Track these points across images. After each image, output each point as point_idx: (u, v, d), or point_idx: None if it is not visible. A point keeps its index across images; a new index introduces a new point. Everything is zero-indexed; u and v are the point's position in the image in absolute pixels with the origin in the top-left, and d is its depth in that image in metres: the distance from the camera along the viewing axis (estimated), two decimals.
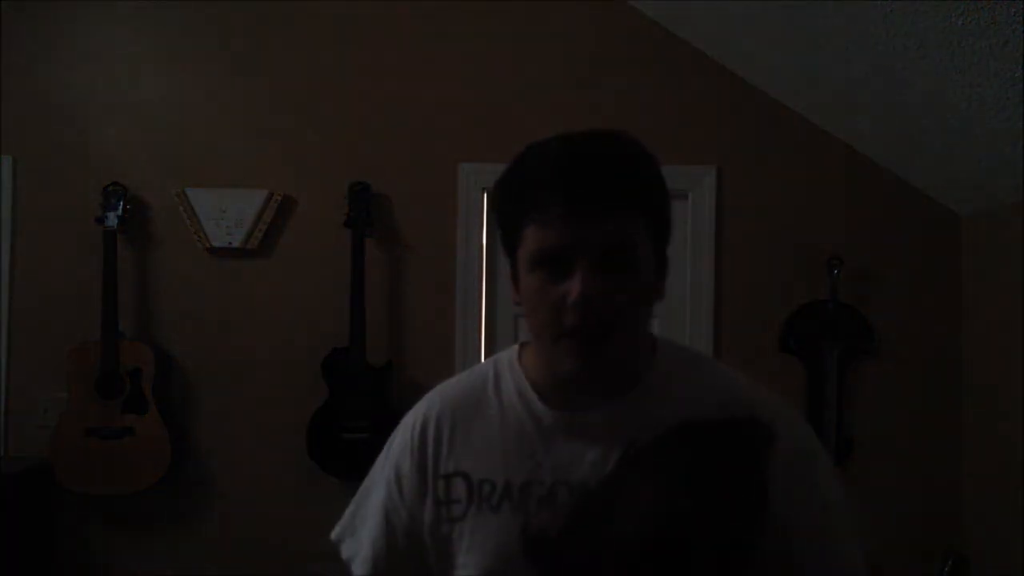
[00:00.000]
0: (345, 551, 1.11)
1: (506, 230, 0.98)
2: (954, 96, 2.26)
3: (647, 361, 1.02)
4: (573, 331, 0.91)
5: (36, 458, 2.87)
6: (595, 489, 0.94)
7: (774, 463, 0.92)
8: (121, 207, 2.87)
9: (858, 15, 2.17)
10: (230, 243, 2.97)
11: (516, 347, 1.08)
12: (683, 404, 0.97)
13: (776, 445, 0.93)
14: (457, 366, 2.95)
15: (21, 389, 2.99)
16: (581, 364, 0.92)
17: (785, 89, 2.93)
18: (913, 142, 2.70)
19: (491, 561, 0.97)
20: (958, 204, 2.91)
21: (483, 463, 1.01)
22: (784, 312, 2.96)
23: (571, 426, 0.98)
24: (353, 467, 2.82)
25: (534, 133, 1.01)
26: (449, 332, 2.98)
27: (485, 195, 3.00)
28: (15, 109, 3.01)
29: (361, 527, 1.10)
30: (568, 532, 0.93)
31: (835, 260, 2.89)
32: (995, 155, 2.41)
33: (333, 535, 1.14)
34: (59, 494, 2.88)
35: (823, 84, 2.74)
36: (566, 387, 0.98)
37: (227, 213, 2.96)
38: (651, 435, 0.94)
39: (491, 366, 1.08)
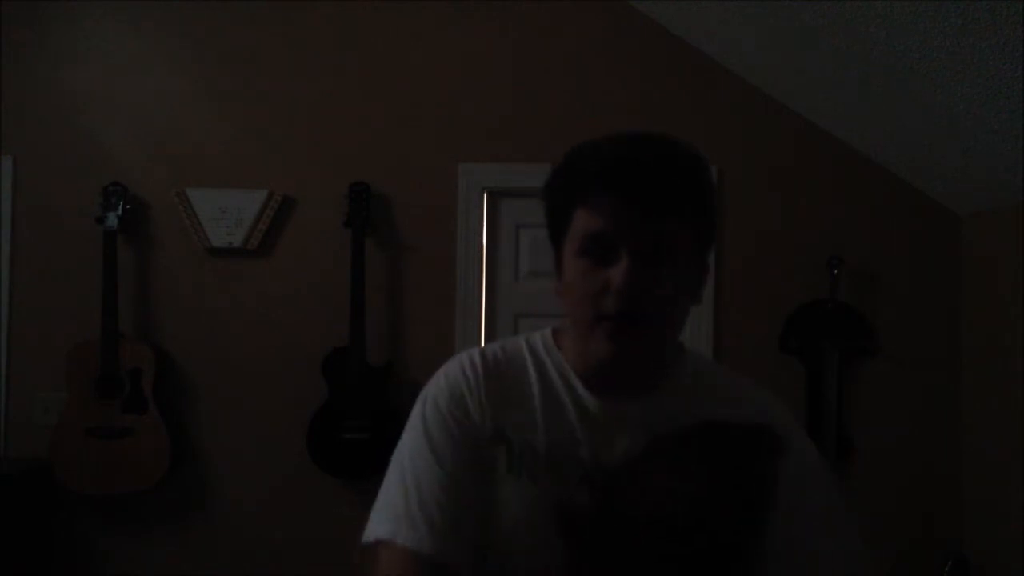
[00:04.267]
0: (403, 538, 0.94)
1: (555, 216, 1.01)
2: (954, 96, 2.26)
3: (679, 361, 1.07)
4: (612, 316, 0.94)
5: (36, 458, 2.87)
6: (624, 473, 0.99)
7: (788, 471, 0.98)
8: (121, 207, 2.87)
9: (858, 15, 2.17)
10: (230, 243, 2.97)
11: (548, 331, 1.10)
12: (708, 405, 1.03)
13: (789, 455, 0.99)
14: None
15: (21, 389, 3.00)
16: (615, 348, 0.95)
17: (785, 89, 2.93)
18: (913, 142, 2.70)
19: (522, 529, 0.98)
20: (958, 204, 2.91)
21: (525, 431, 1.02)
22: (784, 312, 2.96)
23: (608, 415, 1.02)
24: (353, 467, 2.86)
25: (534, 133, 1.03)
26: (449, 332, 2.98)
27: (485, 195, 3.01)
28: (15, 109, 3.01)
29: (416, 495, 0.97)
30: (599, 511, 0.98)
31: (835, 260, 2.89)
32: (995, 155, 2.41)
33: (378, 534, 0.96)
34: (59, 494, 2.88)
35: (823, 84, 2.74)
36: (602, 372, 1.01)
37: (227, 213, 2.97)
38: (675, 428, 1.00)
39: (524, 343, 1.09)
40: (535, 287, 3.03)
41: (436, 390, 1.06)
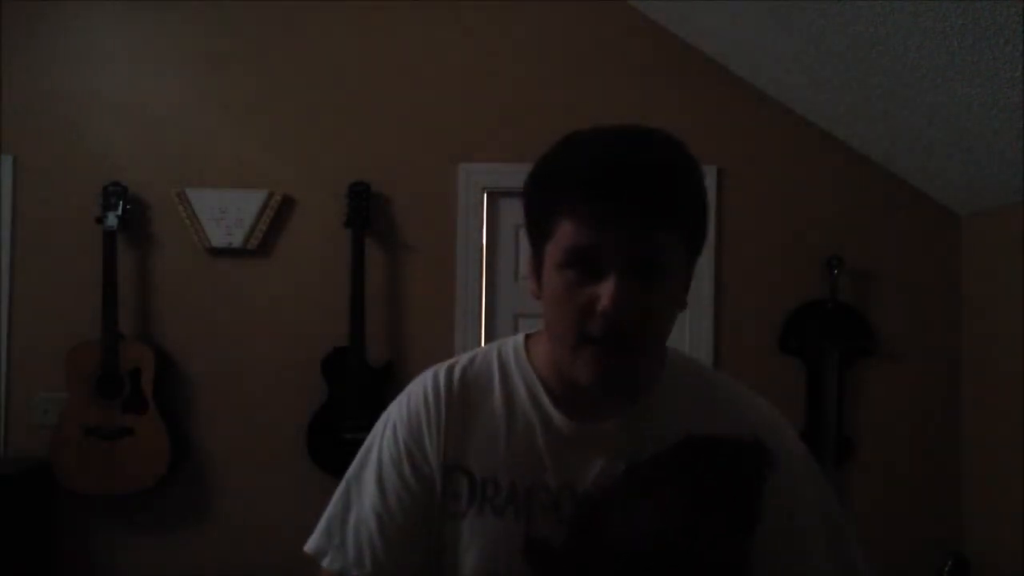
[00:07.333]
0: (333, 562, 1.00)
1: (537, 220, 0.92)
2: (954, 96, 2.26)
3: (659, 372, 0.99)
4: (598, 339, 0.86)
5: (36, 458, 2.87)
6: (599, 499, 0.93)
7: (777, 485, 0.94)
8: (121, 207, 2.87)
9: (858, 15, 2.17)
10: (230, 243, 2.97)
11: (520, 338, 1.03)
12: (690, 419, 0.97)
13: (778, 468, 0.94)
14: None
15: (21, 389, 2.99)
16: (600, 373, 0.88)
17: (785, 89, 2.93)
18: (913, 142, 2.70)
19: (491, 564, 0.94)
20: (958, 204, 2.91)
21: (487, 461, 0.96)
22: (784, 312, 2.96)
23: (581, 435, 0.95)
24: None
25: (534, 134, 1.02)
26: (449, 332, 2.98)
27: (485, 195, 3.01)
28: (15, 109, 3.01)
29: (354, 526, 1.01)
30: (571, 542, 0.92)
31: (835, 260, 2.89)
32: (995, 155, 2.41)
33: (310, 547, 1.03)
34: (59, 494, 2.88)
35: (823, 84, 2.74)
36: (580, 393, 0.93)
37: (227, 213, 2.96)
38: (655, 448, 0.95)
39: (495, 356, 1.03)
40: None
41: (398, 416, 1.03)
